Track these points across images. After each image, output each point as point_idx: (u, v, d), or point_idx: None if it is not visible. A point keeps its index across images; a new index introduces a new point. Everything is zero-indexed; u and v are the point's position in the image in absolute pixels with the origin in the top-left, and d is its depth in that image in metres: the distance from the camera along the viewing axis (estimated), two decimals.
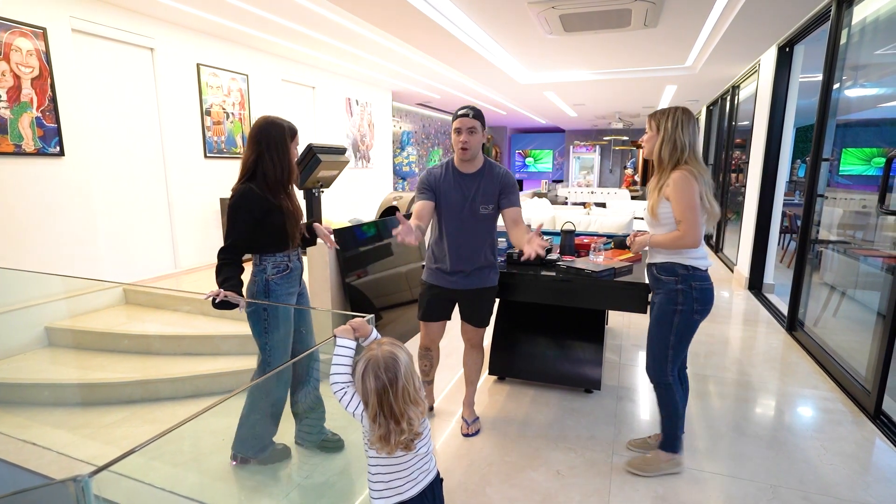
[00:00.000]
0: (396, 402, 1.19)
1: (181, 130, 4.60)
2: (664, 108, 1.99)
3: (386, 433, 1.19)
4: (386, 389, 1.18)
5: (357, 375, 1.22)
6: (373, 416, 1.20)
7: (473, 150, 2.10)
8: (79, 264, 3.77)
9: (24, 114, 3.37)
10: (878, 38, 3.11)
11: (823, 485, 2.00)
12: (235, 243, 1.88)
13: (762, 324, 4.03)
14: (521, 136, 15.50)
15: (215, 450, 2.29)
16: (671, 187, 1.89)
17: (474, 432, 2.41)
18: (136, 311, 3.64)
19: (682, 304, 1.93)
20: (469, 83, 6.96)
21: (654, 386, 2.06)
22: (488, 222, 2.20)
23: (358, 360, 1.24)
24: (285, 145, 1.94)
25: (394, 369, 1.20)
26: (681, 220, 1.88)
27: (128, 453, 0.88)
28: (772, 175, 4.74)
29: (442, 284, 2.25)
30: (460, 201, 2.14)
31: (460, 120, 2.09)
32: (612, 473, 2.09)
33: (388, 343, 1.26)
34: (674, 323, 1.96)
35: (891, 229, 3.35)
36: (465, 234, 2.17)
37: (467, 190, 2.14)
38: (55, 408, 2.80)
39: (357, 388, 1.23)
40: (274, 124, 1.95)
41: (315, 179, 3.46)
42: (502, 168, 2.23)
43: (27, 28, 3.36)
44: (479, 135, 2.11)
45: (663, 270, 1.97)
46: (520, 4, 3.59)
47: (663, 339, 1.99)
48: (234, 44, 5.09)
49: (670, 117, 1.95)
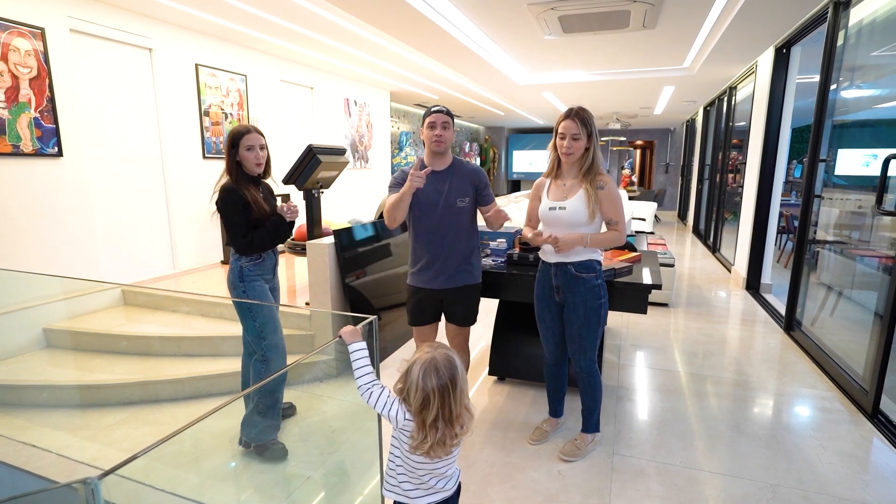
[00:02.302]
0: (456, 404, 1.17)
1: (179, 131, 4.59)
2: (585, 110, 2.02)
3: (442, 437, 1.16)
4: (447, 388, 1.16)
5: (413, 377, 1.17)
6: (433, 419, 1.15)
7: (447, 144, 2.15)
8: (77, 265, 3.76)
9: (23, 114, 3.36)
10: (875, 40, 3.13)
11: (822, 484, 2.01)
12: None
13: (760, 324, 4.05)
14: (518, 137, 15.51)
15: (216, 451, 2.29)
16: (610, 190, 2.02)
17: None
18: (134, 312, 3.63)
19: (603, 297, 2.11)
20: (467, 84, 6.97)
21: (586, 376, 2.19)
22: (465, 215, 2.20)
23: (412, 364, 1.20)
24: (228, 146, 2.17)
25: (453, 368, 1.19)
26: (617, 220, 2.04)
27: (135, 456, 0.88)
28: (769, 176, 4.77)
29: (427, 286, 2.24)
30: (435, 196, 2.16)
31: (435, 115, 2.12)
32: (613, 473, 2.10)
33: (439, 346, 1.24)
34: (601, 315, 2.11)
35: (886, 229, 3.38)
36: (443, 228, 2.18)
37: (440, 185, 2.17)
38: (54, 409, 2.79)
39: (411, 391, 1.17)
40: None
41: (315, 180, 3.46)
42: (471, 164, 2.26)
43: (25, 28, 3.35)
44: (451, 131, 2.16)
45: (583, 268, 2.07)
46: (519, 5, 3.60)
47: (594, 332, 2.11)
48: (232, 44, 5.08)
49: (591, 120, 2.03)
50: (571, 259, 2.07)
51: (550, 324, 2.21)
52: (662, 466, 2.15)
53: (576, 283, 2.07)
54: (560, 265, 2.09)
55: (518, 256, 2.68)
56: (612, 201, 2.03)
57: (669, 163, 13.76)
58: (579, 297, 2.07)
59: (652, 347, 3.52)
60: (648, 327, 3.92)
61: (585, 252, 2.07)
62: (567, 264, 2.08)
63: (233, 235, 2.13)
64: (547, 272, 2.16)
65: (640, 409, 2.67)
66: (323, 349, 2.24)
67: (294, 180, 3.42)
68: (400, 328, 3.57)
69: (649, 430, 2.44)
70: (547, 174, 2.18)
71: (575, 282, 2.07)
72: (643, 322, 4.03)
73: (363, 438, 2.07)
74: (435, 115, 2.12)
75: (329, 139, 6.84)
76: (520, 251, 2.71)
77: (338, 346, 1.40)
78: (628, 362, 3.26)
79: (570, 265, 2.07)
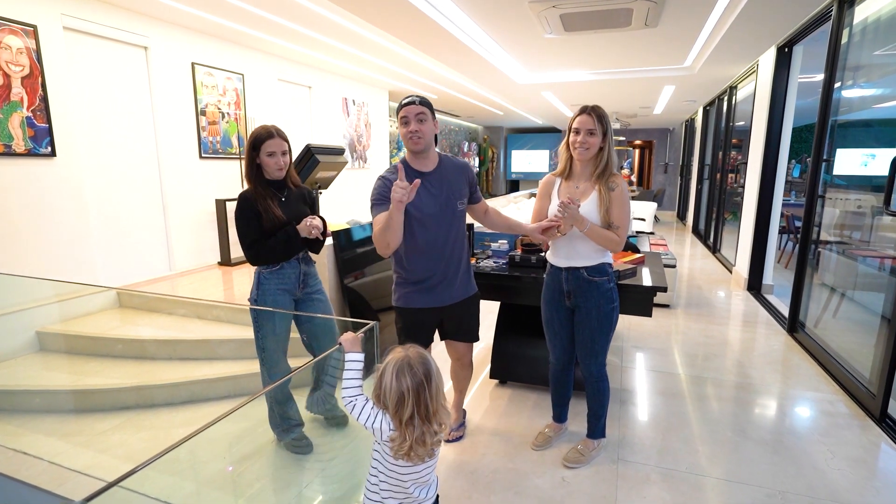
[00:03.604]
0: (432, 401, 1.16)
1: (176, 130, 4.53)
2: (601, 108, 1.94)
3: (420, 435, 1.15)
4: (423, 385, 1.16)
5: (386, 379, 1.16)
6: (408, 417, 1.14)
7: (427, 140, 1.86)
8: (71, 267, 3.70)
9: (14, 113, 3.30)
10: (879, 39, 3.10)
11: (832, 491, 1.97)
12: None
13: (762, 325, 4.02)
14: (517, 136, 15.48)
15: (213, 458, 2.24)
16: (621, 192, 1.94)
17: (454, 438, 2.34)
18: (129, 315, 3.57)
19: (616, 301, 2.05)
20: (466, 83, 6.92)
21: (595, 381, 2.14)
22: (463, 219, 2.04)
23: (384, 366, 1.19)
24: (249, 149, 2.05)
25: (427, 365, 1.18)
26: (619, 226, 1.95)
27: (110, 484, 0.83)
28: (771, 175, 4.73)
29: (425, 305, 2.02)
30: (431, 204, 1.90)
31: (406, 109, 1.82)
32: (619, 480, 2.06)
33: (411, 346, 1.24)
34: (613, 320, 2.05)
35: (887, 230, 3.35)
36: (443, 239, 1.95)
37: (433, 189, 1.91)
38: (47, 415, 2.73)
39: (386, 392, 1.16)
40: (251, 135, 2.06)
41: (313, 181, 3.41)
42: (459, 159, 2.09)
43: (17, 25, 3.28)
44: (430, 123, 1.87)
45: (595, 272, 2.01)
46: (520, 4, 3.55)
47: (606, 336, 2.06)
48: (229, 43, 5.02)
49: (605, 118, 1.95)
50: (583, 263, 2.00)
51: (559, 329, 2.15)
52: (668, 473, 2.10)
53: (588, 288, 2.01)
54: (572, 269, 2.02)
55: (520, 258, 2.64)
56: (620, 204, 1.95)
57: (668, 162, 13.74)
58: (592, 302, 2.01)
59: (654, 349, 3.48)
60: (650, 329, 3.88)
61: (597, 255, 2.00)
62: (579, 269, 2.01)
63: (241, 244, 2.06)
64: (557, 276, 2.08)
65: (644, 413, 2.63)
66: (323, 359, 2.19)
67: None
68: None
69: (654, 434, 2.40)
70: (558, 173, 2.09)
71: (587, 286, 2.01)
72: (645, 323, 3.99)
73: (364, 442, 2.03)
74: (406, 108, 1.82)
75: (327, 139, 6.79)
76: (522, 253, 2.67)
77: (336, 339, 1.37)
78: (630, 364, 3.22)
79: (582, 269, 2.00)
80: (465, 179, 2.04)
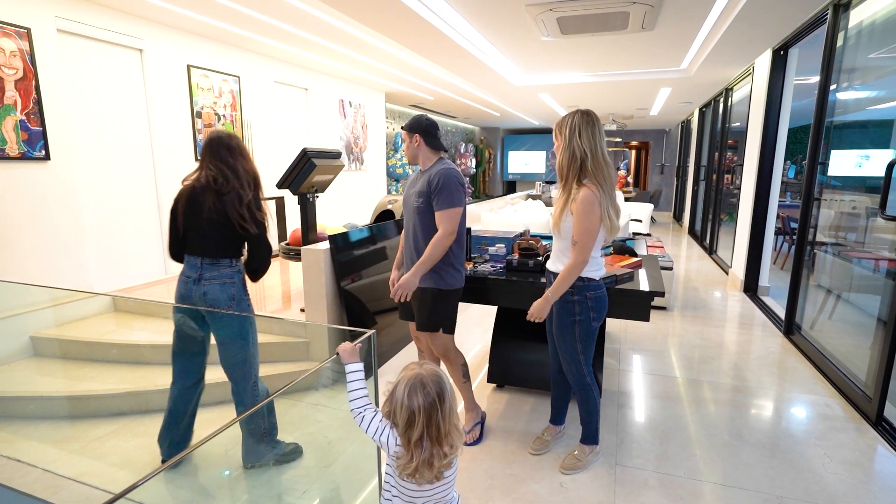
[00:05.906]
0: (444, 422, 1.12)
1: (171, 133, 4.50)
2: (570, 115, 1.90)
3: (429, 457, 1.11)
4: (435, 406, 1.12)
5: (398, 396, 1.13)
6: (417, 437, 1.11)
7: (410, 154, 2.27)
8: (67, 270, 3.67)
9: (8, 116, 3.27)
10: (873, 42, 3.11)
11: (830, 495, 1.98)
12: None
13: (758, 327, 4.03)
14: (514, 138, 15.48)
15: (208, 464, 2.23)
16: (577, 204, 1.84)
17: (472, 442, 2.36)
18: (124, 319, 3.55)
19: (580, 315, 1.97)
20: (462, 84, 6.92)
21: (577, 388, 2.12)
22: (420, 216, 2.19)
23: (397, 382, 1.16)
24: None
25: (440, 385, 1.14)
26: (577, 241, 1.87)
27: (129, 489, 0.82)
28: (767, 177, 4.75)
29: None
30: (406, 197, 2.31)
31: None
32: (616, 485, 2.05)
33: (426, 363, 1.21)
34: (575, 333, 2.00)
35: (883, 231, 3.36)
36: (407, 228, 2.30)
37: (412, 186, 2.28)
38: (41, 421, 2.70)
39: (397, 410, 1.13)
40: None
41: (310, 184, 3.39)
42: (442, 168, 2.15)
43: (10, 28, 3.26)
44: (408, 142, 2.24)
45: None
46: (517, 6, 3.55)
47: (571, 347, 2.04)
48: (225, 45, 5.00)
49: (567, 124, 1.88)
50: (555, 269, 2.02)
51: (549, 331, 2.19)
52: (666, 478, 2.10)
53: None
54: (552, 274, 2.05)
55: (518, 262, 2.63)
56: (577, 217, 1.84)
57: (665, 164, 13.77)
58: (553, 309, 2.03)
59: (651, 351, 3.48)
60: (647, 331, 3.89)
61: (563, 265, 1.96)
62: (550, 273, 2.04)
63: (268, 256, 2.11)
64: (549, 280, 2.11)
65: (641, 416, 2.63)
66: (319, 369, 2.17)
67: (288, 185, 3.36)
68: (397, 332, 3.51)
69: (651, 438, 2.40)
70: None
71: None
72: (642, 326, 3.99)
73: (361, 449, 2.01)
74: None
75: (324, 141, 6.77)
76: (519, 257, 2.66)
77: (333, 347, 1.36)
78: (627, 367, 3.22)
79: (552, 275, 2.02)
80: (426, 181, 2.17)
